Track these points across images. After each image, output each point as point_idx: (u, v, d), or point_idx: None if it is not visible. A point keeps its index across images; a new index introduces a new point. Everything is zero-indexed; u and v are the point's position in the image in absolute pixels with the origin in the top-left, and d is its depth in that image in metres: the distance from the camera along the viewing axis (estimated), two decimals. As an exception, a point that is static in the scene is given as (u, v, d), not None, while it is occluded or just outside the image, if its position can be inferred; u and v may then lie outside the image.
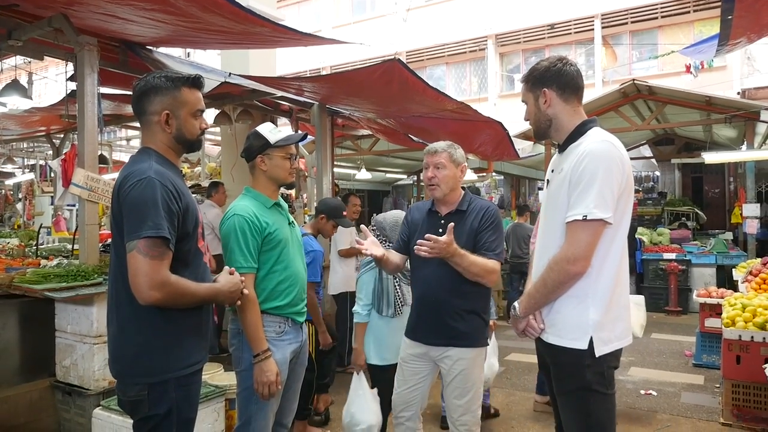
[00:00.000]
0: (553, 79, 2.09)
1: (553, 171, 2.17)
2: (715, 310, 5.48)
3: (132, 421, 1.97)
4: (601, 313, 1.99)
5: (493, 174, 12.91)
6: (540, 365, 2.33)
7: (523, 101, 2.22)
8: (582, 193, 1.93)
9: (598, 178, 1.92)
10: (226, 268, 2.18)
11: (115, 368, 1.96)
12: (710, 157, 8.78)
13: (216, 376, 3.82)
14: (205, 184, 7.64)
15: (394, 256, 2.79)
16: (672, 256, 8.89)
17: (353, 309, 3.34)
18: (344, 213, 4.06)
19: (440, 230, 2.70)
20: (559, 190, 2.05)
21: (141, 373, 1.89)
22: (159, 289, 1.79)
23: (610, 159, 1.95)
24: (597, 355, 1.97)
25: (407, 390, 2.77)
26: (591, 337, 1.97)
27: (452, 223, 2.48)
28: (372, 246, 2.61)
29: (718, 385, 4.93)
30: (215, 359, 4.27)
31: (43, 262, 4.66)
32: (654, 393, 4.92)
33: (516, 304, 2.16)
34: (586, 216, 1.91)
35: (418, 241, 2.42)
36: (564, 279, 1.97)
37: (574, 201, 1.96)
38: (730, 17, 4.01)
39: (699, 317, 5.74)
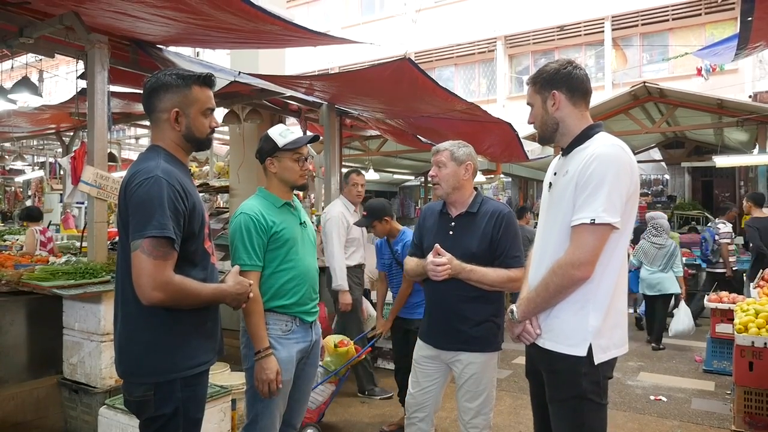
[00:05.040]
0: (562, 82, 2.04)
1: (556, 174, 2.11)
2: (727, 316, 5.41)
3: (138, 421, 1.95)
4: (600, 319, 1.94)
5: (501, 176, 12.86)
6: (528, 372, 2.26)
7: (528, 103, 2.17)
8: (590, 197, 1.88)
9: (607, 181, 1.87)
10: (235, 268, 2.16)
11: (120, 367, 1.94)
12: (722, 161, 8.71)
13: (222, 375, 3.81)
14: (213, 183, 7.63)
15: (414, 263, 2.76)
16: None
17: None
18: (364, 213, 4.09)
19: (450, 232, 2.68)
20: (563, 193, 1.99)
21: (147, 372, 1.87)
22: (161, 289, 1.77)
23: (620, 163, 1.91)
24: (595, 363, 1.93)
25: (420, 392, 2.75)
26: (590, 344, 1.93)
27: (437, 245, 2.55)
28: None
29: (729, 392, 4.87)
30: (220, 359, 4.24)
31: (51, 259, 4.67)
32: (664, 399, 4.87)
33: (513, 307, 2.12)
34: (594, 220, 1.86)
35: (428, 267, 2.53)
36: (567, 284, 1.92)
37: (581, 204, 1.90)
38: (750, 18, 3.91)
39: (710, 322, 5.67)
